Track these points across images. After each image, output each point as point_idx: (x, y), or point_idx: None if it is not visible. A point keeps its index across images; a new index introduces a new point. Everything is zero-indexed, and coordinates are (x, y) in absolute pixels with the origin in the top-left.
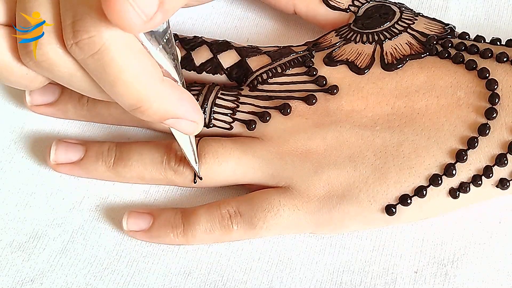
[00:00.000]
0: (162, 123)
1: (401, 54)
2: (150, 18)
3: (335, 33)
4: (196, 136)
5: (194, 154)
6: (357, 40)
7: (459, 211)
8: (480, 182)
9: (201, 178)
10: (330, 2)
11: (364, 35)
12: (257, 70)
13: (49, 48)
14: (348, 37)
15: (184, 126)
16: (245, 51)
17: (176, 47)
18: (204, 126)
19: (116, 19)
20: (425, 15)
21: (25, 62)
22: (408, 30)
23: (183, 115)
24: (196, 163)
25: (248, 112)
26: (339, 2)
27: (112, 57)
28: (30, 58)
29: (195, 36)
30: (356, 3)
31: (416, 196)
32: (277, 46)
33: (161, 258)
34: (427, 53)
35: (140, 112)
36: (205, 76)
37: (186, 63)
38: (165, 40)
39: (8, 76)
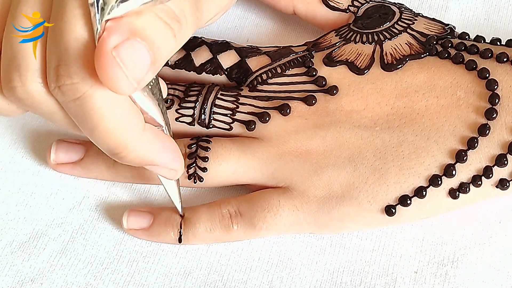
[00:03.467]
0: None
1: (400, 54)
2: (140, 82)
3: (334, 33)
4: (196, 137)
5: (178, 191)
6: (357, 40)
7: (459, 211)
8: (480, 182)
9: (182, 216)
10: (329, 2)
11: (364, 35)
12: (257, 71)
13: (33, 87)
14: (348, 37)
15: (163, 172)
16: (245, 52)
17: (161, 89)
18: (203, 127)
19: (107, 83)
20: (425, 15)
21: (7, 96)
22: (408, 30)
23: (163, 164)
24: (179, 202)
25: (248, 113)
26: (338, 3)
27: (94, 104)
28: (12, 94)
29: (194, 37)
30: (356, 3)
31: (415, 197)
32: (277, 46)
33: (161, 258)
34: (427, 53)
35: (118, 157)
36: (205, 76)
37: (186, 63)
38: (150, 85)
39: None
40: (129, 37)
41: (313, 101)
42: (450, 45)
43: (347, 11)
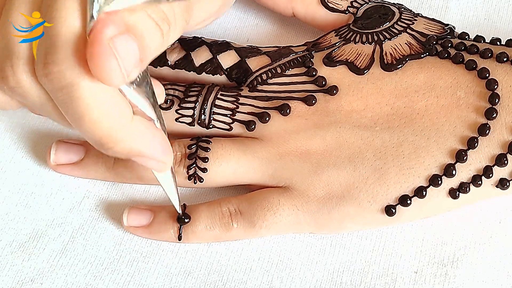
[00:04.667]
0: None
1: (400, 54)
2: (129, 75)
3: (334, 33)
4: (196, 137)
5: (174, 185)
6: (357, 40)
7: (459, 211)
8: (480, 182)
9: (182, 217)
10: (328, 4)
11: (364, 35)
12: (257, 71)
13: (23, 76)
14: (347, 37)
15: (152, 165)
16: (245, 52)
17: (152, 83)
18: (204, 127)
19: (99, 72)
20: (425, 15)
21: (1, 87)
22: (408, 30)
23: (151, 156)
24: (177, 200)
25: (248, 113)
26: (337, 4)
27: (81, 94)
28: (5, 84)
29: (194, 37)
30: (355, 4)
31: (416, 197)
32: (277, 46)
33: (161, 258)
34: (427, 53)
35: (106, 148)
36: (205, 76)
37: (186, 64)
38: (138, 79)
39: None
40: (124, 31)
41: (313, 101)
42: (450, 45)
43: (346, 12)
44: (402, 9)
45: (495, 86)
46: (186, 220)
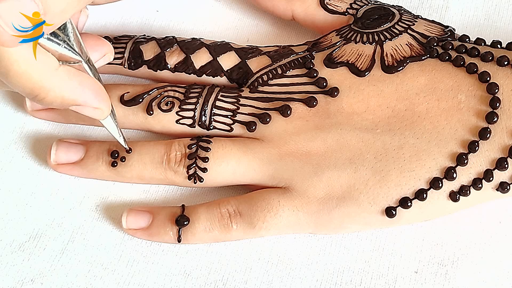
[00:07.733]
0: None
1: (401, 56)
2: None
3: (335, 33)
4: (196, 137)
5: (117, 127)
6: (357, 40)
7: (459, 211)
8: (480, 185)
9: (129, 151)
10: (328, 6)
11: (365, 35)
12: (258, 72)
13: None
14: (348, 36)
15: (89, 112)
16: (245, 52)
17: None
18: (204, 129)
19: None
20: (425, 14)
21: None
22: (408, 31)
23: (84, 102)
24: (121, 137)
25: (249, 114)
26: (337, 6)
27: (1, 50)
28: None
29: (193, 38)
30: (354, 6)
31: (416, 199)
32: (277, 46)
33: (161, 258)
34: (428, 55)
35: (39, 100)
36: (205, 79)
37: (186, 66)
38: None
39: None
40: None
41: (314, 103)
42: (450, 47)
43: (346, 13)
44: (402, 11)
45: (496, 90)
46: (185, 223)
